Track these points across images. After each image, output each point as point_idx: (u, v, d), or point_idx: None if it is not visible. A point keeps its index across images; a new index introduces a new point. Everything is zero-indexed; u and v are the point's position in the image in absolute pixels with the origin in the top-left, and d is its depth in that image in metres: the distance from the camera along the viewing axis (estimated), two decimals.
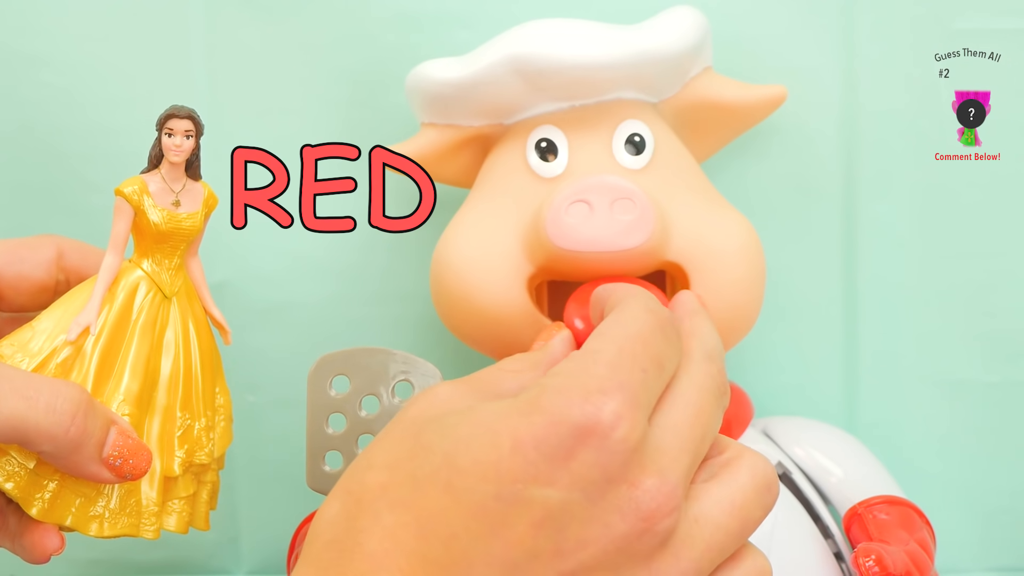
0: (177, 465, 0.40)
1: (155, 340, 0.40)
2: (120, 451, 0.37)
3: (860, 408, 0.56)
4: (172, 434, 0.40)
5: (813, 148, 0.55)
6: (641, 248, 0.42)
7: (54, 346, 0.38)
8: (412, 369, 0.40)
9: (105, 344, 0.39)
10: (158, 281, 0.40)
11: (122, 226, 0.40)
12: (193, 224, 0.41)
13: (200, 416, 0.41)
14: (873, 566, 0.40)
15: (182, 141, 0.40)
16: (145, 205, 0.40)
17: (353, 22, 0.54)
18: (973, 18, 0.53)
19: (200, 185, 0.41)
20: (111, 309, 0.39)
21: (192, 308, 0.42)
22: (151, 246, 0.40)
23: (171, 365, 0.40)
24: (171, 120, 0.40)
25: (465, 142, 0.49)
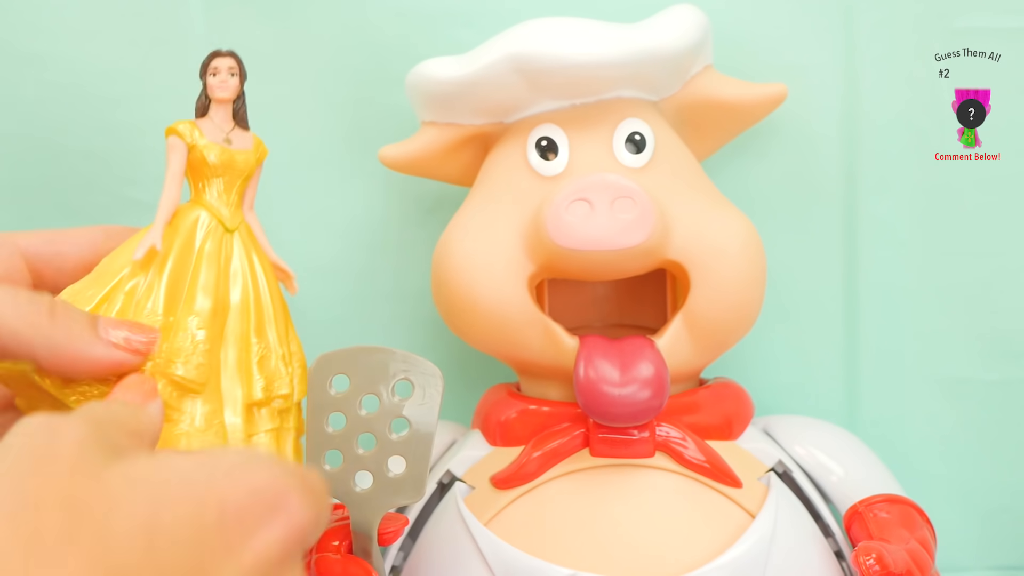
0: (260, 389, 0.39)
1: (221, 268, 0.40)
2: (117, 325, 0.36)
3: (861, 407, 0.56)
4: (249, 360, 0.40)
5: (813, 147, 0.55)
6: (641, 247, 0.42)
7: (120, 276, 0.38)
8: (412, 368, 0.40)
9: (172, 270, 0.38)
10: (218, 215, 0.40)
11: (177, 161, 0.39)
12: (247, 161, 0.41)
13: (275, 347, 0.40)
14: (874, 564, 0.40)
15: (227, 78, 0.40)
16: (197, 140, 0.40)
17: (354, 21, 0.54)
18: (973, 17, 0.53)
19: (249, 134, 0.42)
20: (176, 239, 0.39)
21: (255, 248, 0.41)
22: (208, 181, 0.40)
23: (240, 293, 0.40)
24: (215, 59, 0.40)
25: (466, 140, 0.49)
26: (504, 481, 0.43)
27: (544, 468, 0.43)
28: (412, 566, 0.45)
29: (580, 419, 0.44)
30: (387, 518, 0.40)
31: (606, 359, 0.42)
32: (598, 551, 0.41)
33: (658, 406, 0.41)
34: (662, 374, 0.41)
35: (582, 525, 0.42)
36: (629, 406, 0.41)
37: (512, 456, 0.44)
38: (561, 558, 0.41)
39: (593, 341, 0.43)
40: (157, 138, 0.55)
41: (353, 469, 0.39)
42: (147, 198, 0.55)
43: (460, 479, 0.45)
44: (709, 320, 0.44)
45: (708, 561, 0.40)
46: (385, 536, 0.40)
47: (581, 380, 0.41)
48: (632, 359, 0.42)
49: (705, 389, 0.46)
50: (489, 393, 0.49)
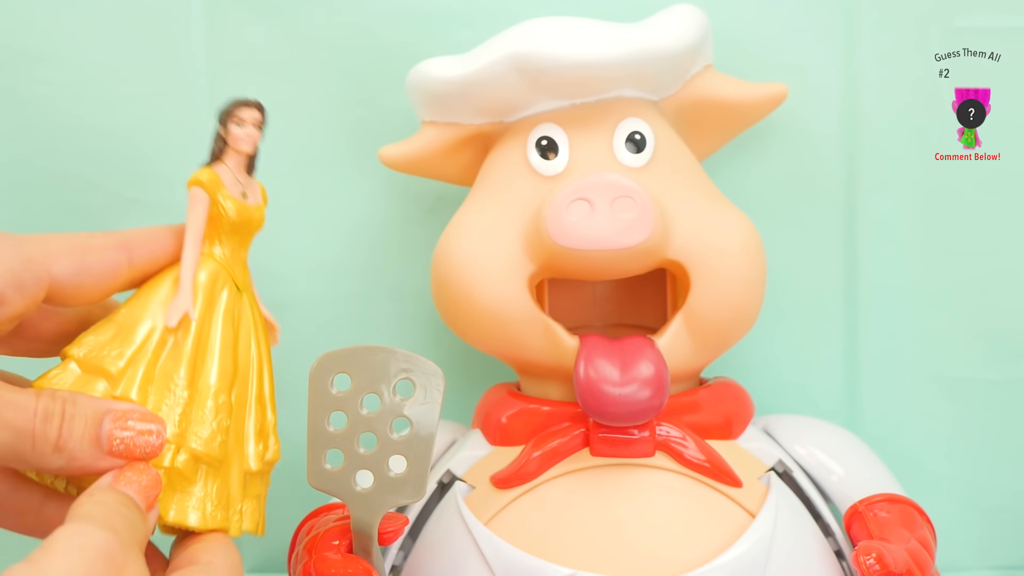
0: (255, 458, 0.40)
1: (235, 330, 0.39)
2: (124, 424, 0.36)
3: (861, 406, 0.56)
4: (246, 429, 0.40)
5: (814, 147, 0.55)
6: (642, 246, 0.42)
7: (145, 334, 0.37)
8: (413, 368, 0.40)
9: (197, 333, 0.38)
10: (232, 273, 0.40)
11: (199, 214, 0.39)
12: (260, 216, 0.40)
13: (269, 415, 0.41)
14: (874, 564, 0.40)
15: (253, 131, 0.40)
16: (219, 195, 0.39)
17: (354, 20, 0.54)
18: (973, 17, 0.53)
19: (255, 182, 0.41)
20: (197, 300, 0.39)
21: (256, 308, 0.41)
22: (223, 238, 0.40)
23: (246, 357, 0.40)
24: (242, 109, 0.39)
25: (466, 140, 0.49)
26: (504, 481, 0.43)
27: (544, 468, 0.43)
28: (412, 566, 0.45)
29: (580, 419, 0.44)
30: (387, 517, 0.40)
31: (606, 359, 0.42)
32: (598, 551, 0.41)
33: (658, 406, 0.41)
34: (662, 374, 0.41)
35: (582, 525, 0.42)
36: (629, 406, 0.41)
37: (512, 456, 0.44)
38: (561, 558, 0.41)
39: (593, 341, 0.43)
40: (157, 138, 0.55)
41: (354, 468, 0.39)
42: (146, 197, 0.55)
43: (460, 479, 0.45)
44: (709, 320, 0.44)
45: (708, 561, 0.40)
46: (385, 535, 0.40)
47: (581, 380, 0.41)
48: (632, 359, 0.42)
49: (705, 389, 0.46)
50: (489, 393, 0.49)
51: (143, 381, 0.37)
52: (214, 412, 0.38)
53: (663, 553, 0.41)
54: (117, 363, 0.37)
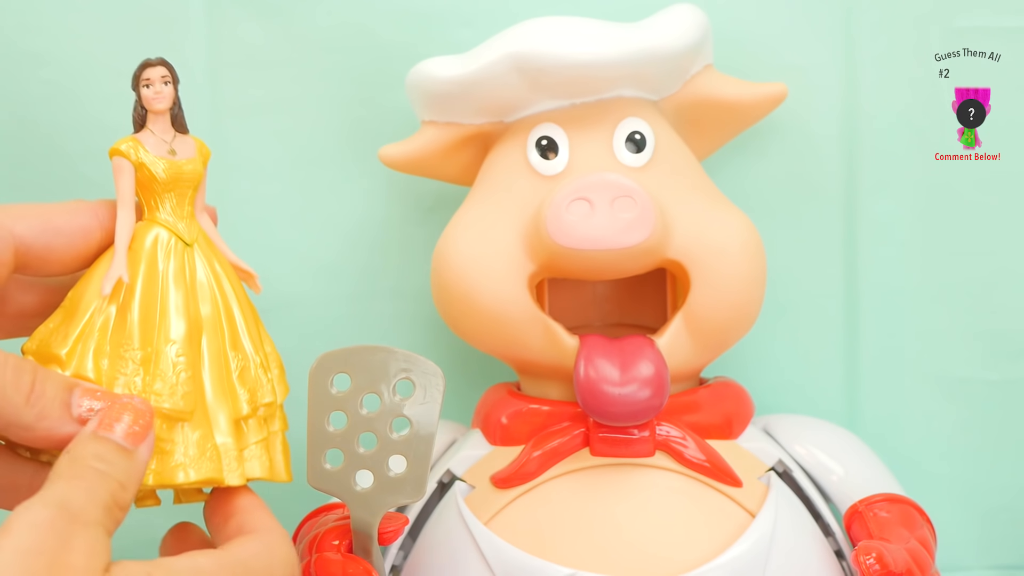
0: (244, 403, 0.39)
1: (188, 286, 0.39)
2: (91, 396, 0.36)
3: (861, 406, 0.56)
4: (229, 377, 0.39)
5: (814, 147, 0.55)
6: (642, 246, 0.42)
7: (91, 310, 0.37)
8: (413, 367, 0.40)
9: (142, 297, 0.38)
10: (175, 231, 0.39)
11: (126, 183, 0.39)
12: (194, 169, 0.40)
13: (252, 356, 0.40)
14: (874, 564, 0.40)
15: (161, 87, 0.39)
16: (144, 157, 0.39)
17: (354, 20, 0.54)
18: (973, 16, 0.53)
19: (190, 138, 0.41)
20: (139, 264, 0.38)
21: (216, 256, 0.40)
22: (160, 197, 0.39)
23: (210, 308, 0.39)
24: (146, 70, 0.40)
25: (466, 140, 0.49)
26: (504, 480, 0.43)
27: (544, 467, 0.43)
28: (412, 565, 0.45)
29: (580, 418, 0.44)
30: (387, 517, 0.40)
31: (606, 358, 0.42)
32: (598, 551, 0.41)
33: (658, 405, 0.41)
34: (662, 373, 0.41)
35: (582, 525, 0.42)
36: (629, 405, 0.41)
37: (512, 455, 0.44)
38: (561, 557, 0.41)
39: (593, 340, 0.43)
40: None
41: (354, 468, 0.39)
42: None
43: (460, 478, 0.45)
44: (709, 319, 0.44)
45: (708, 560, 0.40)
46: (385, 535, 0.40)
47: (581, 379, 0.41)
48: (632, 358, 0.42)
49: (705, 388, 0.46)
50: (489, 392, 0.49)
51: (95, 356, 0.37)
52: (173, 368, 0.38)
53: (663, 553, 0.41)
54: (64, 345, 0.37)
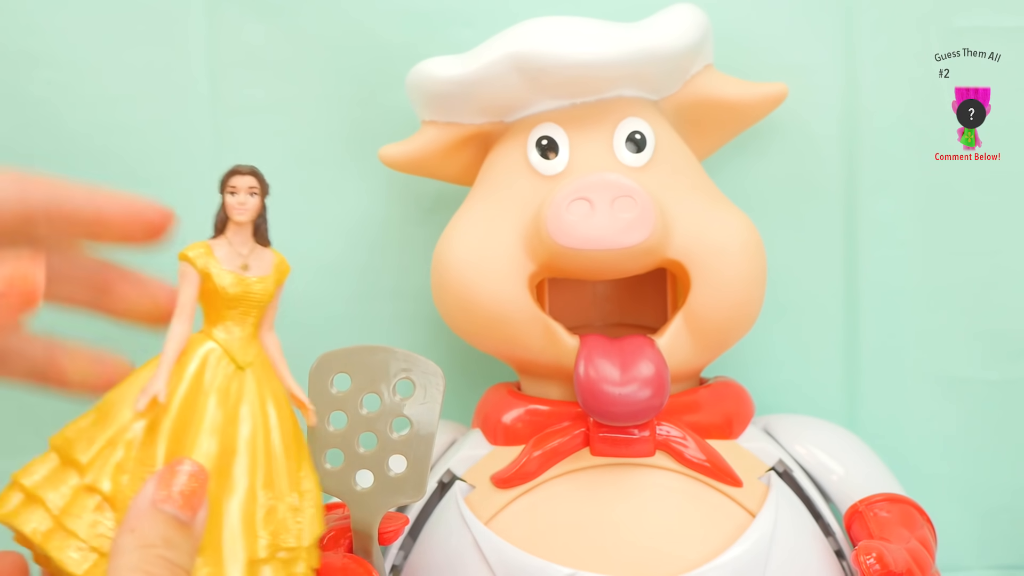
0: (263, 547, 0.36)
1: (230, 411, 0.36)
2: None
3: (861, 406, 0.56)
4: (254, 515, 0.36)
5: (814, 147, 0.55)
6: (642, 246, 0.42)
7: (120, 423, 0.35)
8: (413, 367, 0.40)
9: (177, 416, 0.35)
10: (230, 350, 0.37)
11: (188, 292, 0.36)
12: (264, 289, 0.38)
13: (285, 496, 0.37)
14: (874, 564, 0.40)
15: (246, 199, 0.38)
16: (211, 268, 0.37)
17: (354, 20, 0.54)
18: (974, 16, 0.53)
19: (270, 251, 0.39)
20: (182, 380, 0.36)
21: (269, 382, 0.38)
22: (220, 313, 0.37)
23: (249, 439, 0.37)
24: (233, 177, 0.38)
25: (466, 140, 0.49)
26: (504, 480, 0.43)
27: (544, 467, 0.43)
28: (412, 565, 0.45)
29: (580, 418, 0.44)
30: (387, 517, 0.40)
31: (606, 358, 0.42)
32: (598, 550, 0.41)
33: (658, 405, 0.41)
34: (662, 373, 0.41)
35: (582, 524, 0.42)
36: (629, 405, 0.41)
37: (512, 455, 0.44)
38: (561, 557, 0.41)
39: (593, 340, 0.43)
40: (158, 138, 0.55)
41: (354, 468, 0.39)
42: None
43: (460, 478, 0.45)
44: (710, 319, 0.44)
45: (709, 560, 0.40)
46: (385, 535, 0.40)
47: (581, 379, 0.41)
48: (632, 358, 0.42)
49: (705, 388, 0.46)
50: (490, 392, 0.49)
51: (116, 471, 0.35)
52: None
53: (663, 552, 0.41)
54: (87, 452, 0.35)
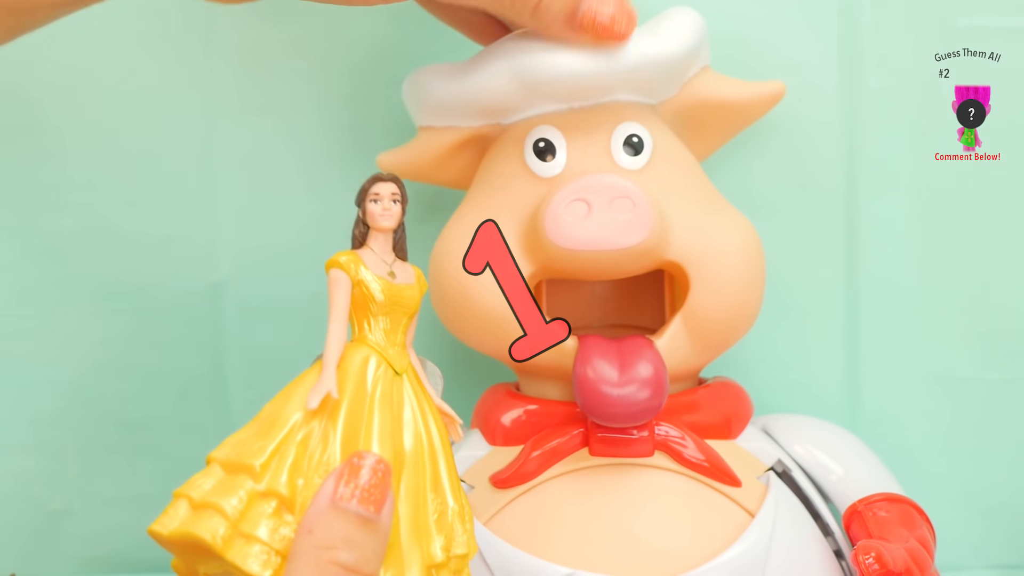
0: (439, 549, 0.36)
1: (394, 415, 0.37)
2: (601, 5, 0.36)
3: (861, 405, 0.56)
4: (427, 518, 0.36)
5: (814, 147, 0.55)
6: (639, 247, 0.42)
7: (291, 424, 0.35)
8: None
9: (347, 417, 0.35)
10: (386, 356, 0.37)
11: (342, 297, 0.36)
12: (412, 296, 0.38)
13: (451, 503, 0.37)
14: (873, 563, 0.40)
15: (390, 205, 0.38)
16: (363, 275, 0.37)
17: (354, 20, 0.54)
18: (974, 16, 0.53)
19: (409, 266, 0.39)
20: (346, 383, 0.36)
21: (423, 391, 0.38)
22: (373, 319, 0.37)
23: (413, 443, 0.37)
24: (376, 184, 0.38)
25: (463, 143, 0.49)
26: (503, 481, 0.43)
27: (543, 468, 0.43)
28: None
29: (579, 418, 0.44)
30: None
31: (605, 359, 0.42)
32: (597, 550, 0.41)
33: (657, 406, 0.41)
34: (661, 374, 0.41)
35: (581, 524, 0.42)
36: (628, 406, 0.41)
37: (511, 456, 0.44)
38: (560, 557, 0.41)
39: (592, 341, 0.43)
40: (154, 136, 0.55)
41: None
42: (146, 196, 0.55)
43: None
44: (709, 320, 0.44)
45: (708, 560, 0.40)
46: None
47: (580, 380, 0.41)
48: (631, 359, 0.42)
49: (704, 388, 0.46)
50: (488, 393, 0.49)
51: (291, 472, 0.34)
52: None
53: (662, 552, 0.41)
54: (260, 456, 0.34)
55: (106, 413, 0.56)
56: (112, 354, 0.56)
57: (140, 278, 0.56)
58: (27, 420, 0.56)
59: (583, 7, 0.37)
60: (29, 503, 0.57)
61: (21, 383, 0.56)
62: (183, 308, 0.56)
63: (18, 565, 0.56)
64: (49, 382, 0.56)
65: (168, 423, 0.56)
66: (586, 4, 0.37)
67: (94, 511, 0.57)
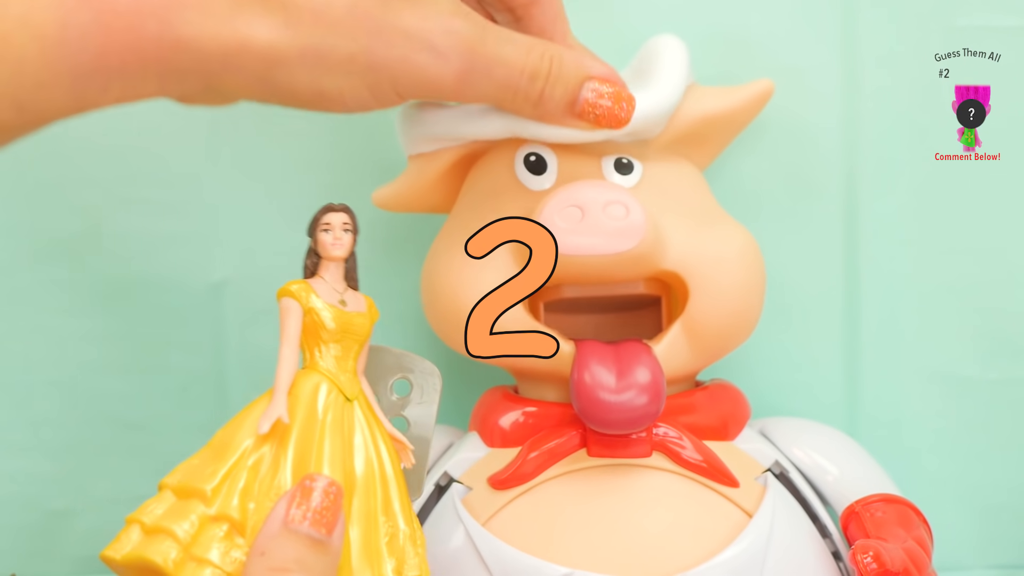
0: (390, 571, 0.36)
1: (345, 440, 0.37)
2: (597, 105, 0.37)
3: (861, 405, 0.56)
4: (378, 541, 0.37)
5: (814, 147, 0.55)
6: (633, 252, 0.41)
7: (242, 450, 0.35)
8: (411, 366, 0.40)
9: (297, 442, 0.36)
10: (337, 383, 0.37)
11: (293, 324, 0.37)
12: (363, 324, 0.39)
13: (402, 527, 0.38)
14: (871, 563, 0.40)
15: (341, 235, 0.38)
16: (313, 303, 0.38)
17: None
18: (974, 16, 0.53)
19: (361, 295, 0.39)
20: (297, 409, 0.36)
21: (374, 417, 0.39)
22: (324, 346, 0.38)
23: (364, 467, 0.37)
24: (327, 214, 0.38)
25: (452, 165, 0.47)
26: (502, 482, 0.43)
27: (541, 468, 0.43)
28: None
29: (577, 419, 0.43)
30: None
31: (602, 364, 0.41)
32: (596, 550, 0.41)
33: (655, 412, 0.41)
34: (659, 380, 0.41)
35: (580, 525, 0.42)
36: (626, 412, 0.41)
37: (509, 457, 0.44)
38: (558, 557, 0.41)
39: (590, 346, 0.43)
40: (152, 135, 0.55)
41: None
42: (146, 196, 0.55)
43: (457, 480, 0.45)
44: (708, 327, 0.44)
45: (705, 560, 0.40)
46: None
47: (577, 385, 0.41)
48: (629, 364, 0.42)
49: (702, 390, 0.46)
50: (486, 395, 0.49)
51: (242, 496, 0.35)
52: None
53: (660, 552, 0.41)
54: (211, 481, 0.35)
55: (106, 413, 0.56)
56: (112, 354, 0.56)
57: (140, 278, 0.56)
58: (27, 420, 0.56)
59: (583, 95, 0.38)
60: (29, 503, 0.57)
61: (21, 383, 0.56)
62: (183, 308, 0.56)
63: (18, 565, 0.56)
64: (49, 382, 0.56)
65: (168, 423, 0.56)
66: (585, 92, 0.38)
67: (94, 511, 0.57)
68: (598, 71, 0.39)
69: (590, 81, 0.39)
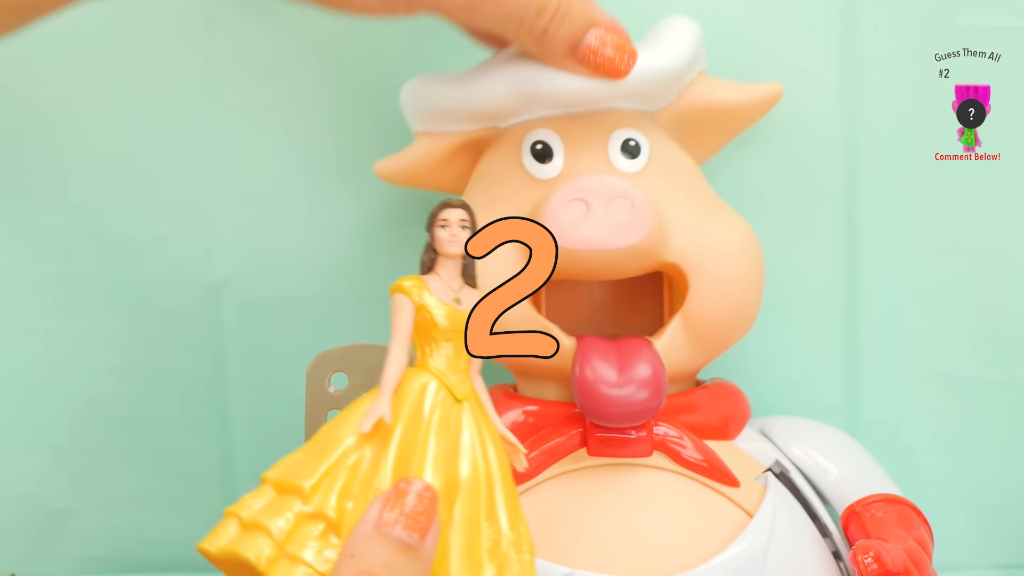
0: None
1: (451, 443, 0.36)
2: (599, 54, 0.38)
3: (862, 405, 0.56)
4: (479, 547, 0.35)
5: (814, 147, 0.55)
6: (637, 247, 0.42)
7: (343, 448, 0.35)
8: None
9: (400, 443, 0.35)
10: (446, 382, 0.36)
11: (404, 321, 0.36)
12: None
13: (506, 532, 0.36)
14: (872, 563, 0.40)
15: (458, 231, 0.37)
16: (426, 300, 0.36)
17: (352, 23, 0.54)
18: (974, 16, 0.53)
19: (477, 292, 0.38)
20: (402, 408, 0.35)
21: (485, 419, 0.37)
22: (436, 345, 0.37)
23: (470, 470, 0.36)
24: (445, 210, 0.37)
25: (460, 148, 0.48)
26: None
27: (542, 468, 0.43)
28: None
29: (577, 419, 0.44)
30: None
31: (604, 360, 0.42)
32: (596, 550, 0.41)
33: (655, 407, 0.41)
34: (660, 375, 0.41)
35: (580, 524, 0.42)
36: (627, 407, 0.41)
37: None
38: (559, 557, 0.41)
39: (591, 341, 0.43)
40: (153, 134, 0.55)
41: None
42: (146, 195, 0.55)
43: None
44: (707, 321, 0.44)
45: (706, 560, 0.41)
46: None
47: (579, 380, 0.41)
48: (630, 359, 0.42)
49: (702, 390, 0.46)
50: None
51: (340, 495, 0.34)
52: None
53: (661, 552, 0.41)
54: (310, 478, 0.34)
55: (106, 413, 0.56)
56: (112, 354, 0.56)
57: (140, 278, 0.56)
58: (27, 420, 0.56)
59: (586, 40, 0.38)
60: (29, 503, 0.57)
61: (21, 383, 0.56)
62: (183, 308, 0.56)
63: (18, 565, 0.56)
64: (49, 382, 0.56)
65: (168, 423, 0.56)
66: (589, 38, 0.38)
67: (94, 511, 0.57)
68: (605, 20, 0.40)
69: (596, 28, 0.39)
